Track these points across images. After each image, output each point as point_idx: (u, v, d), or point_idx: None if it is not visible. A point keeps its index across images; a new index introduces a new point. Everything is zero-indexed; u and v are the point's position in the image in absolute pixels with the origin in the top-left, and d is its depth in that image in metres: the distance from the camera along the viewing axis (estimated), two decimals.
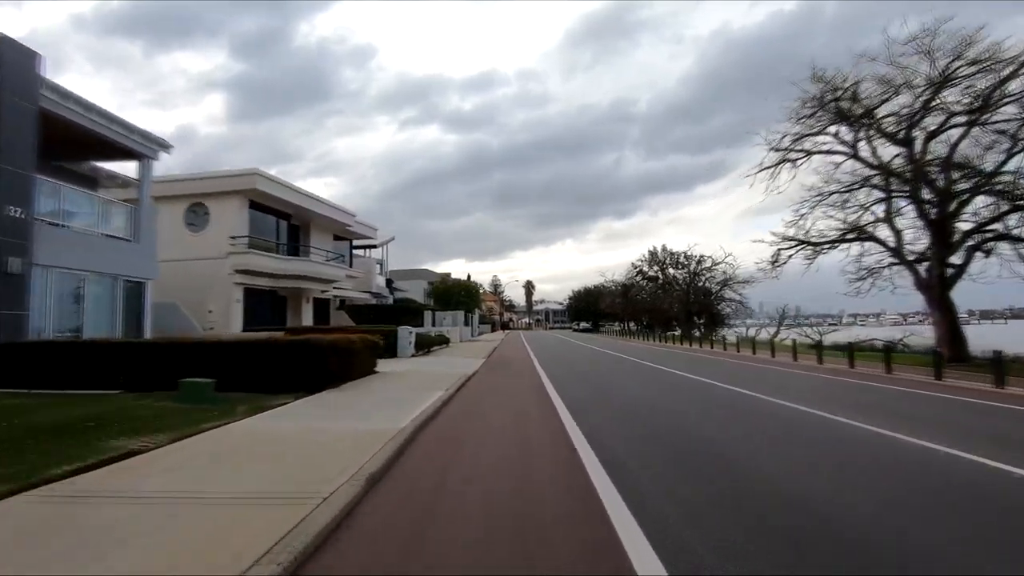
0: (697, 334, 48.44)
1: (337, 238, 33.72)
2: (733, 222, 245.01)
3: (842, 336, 34.18)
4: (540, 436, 6.72)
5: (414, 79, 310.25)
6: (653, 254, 52.03)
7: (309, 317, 29.60)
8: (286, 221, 27.16)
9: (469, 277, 47.77)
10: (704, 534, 3.41)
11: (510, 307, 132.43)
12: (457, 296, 43.28)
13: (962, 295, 22.59)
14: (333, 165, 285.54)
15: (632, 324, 68.90)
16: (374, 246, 39.95)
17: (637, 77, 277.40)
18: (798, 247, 20.83)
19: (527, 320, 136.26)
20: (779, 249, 21.82)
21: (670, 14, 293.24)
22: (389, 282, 44.35)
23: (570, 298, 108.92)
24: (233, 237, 22.93)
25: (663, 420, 7.97)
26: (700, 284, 48.59)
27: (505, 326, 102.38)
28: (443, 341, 27.58)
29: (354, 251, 40.31)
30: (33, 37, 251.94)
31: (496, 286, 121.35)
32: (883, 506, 4.02)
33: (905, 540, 3.37)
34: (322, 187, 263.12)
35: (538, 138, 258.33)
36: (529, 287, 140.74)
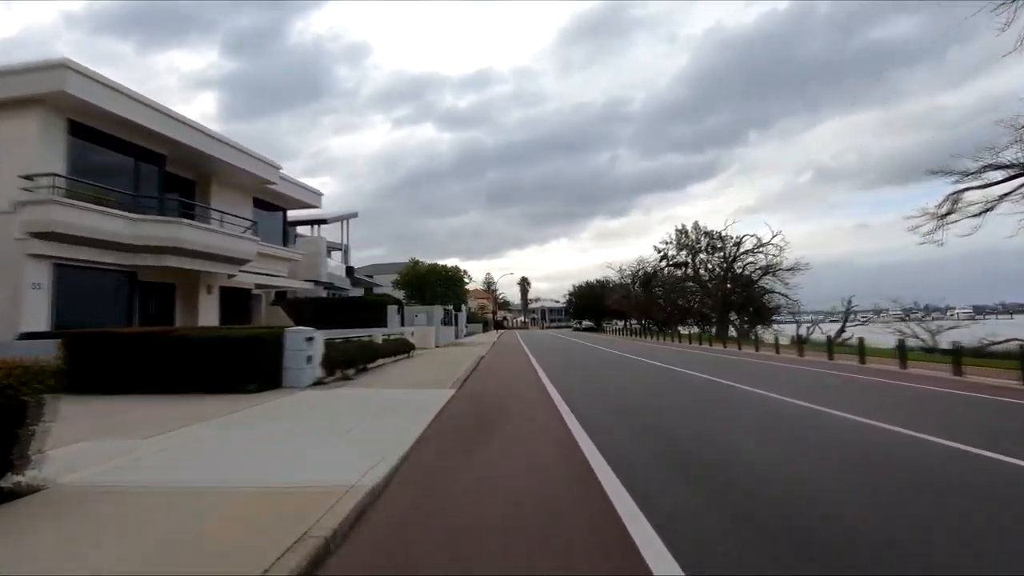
0: (733, 333, 39.26)
1: (264, 205, 24.22)
2: (724, 221, 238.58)
3: (961, 335, 25.00)
4: None
5: (409, 77, 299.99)
6: (682, 233, 42.28)
7: (213, 313, 20.23)
8: (156, 166, 17.59)
9: (459, 269, 37.64)
10: None
11: (504, 305, 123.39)
12: (433, 286, 33.41)
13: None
14: (328, 164, 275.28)
15: (637, 322, 59.98)
16: (324, 221, 30.37)
17: (632, 76, 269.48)
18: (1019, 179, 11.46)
19: (522, 319, 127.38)
20: (961, 191, 12.45)
21: (664, 13, 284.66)
22: (350, 270, 34.83)
23: (570, 294, 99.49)
24: (28, 177, 13.41)
25: None
26: (739, 271, 39.23)
27: (499, 325, 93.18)
28: (402, 349, 18.16)
29: (297, 227, 30.82)
30: (25, 36, 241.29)
31: (490, 284, 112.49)
32: None
33: None
34: (317, 186, 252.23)
35: (533, 137, 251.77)
36: (524, 284, 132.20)
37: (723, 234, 40.09)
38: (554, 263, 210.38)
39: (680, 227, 42.53)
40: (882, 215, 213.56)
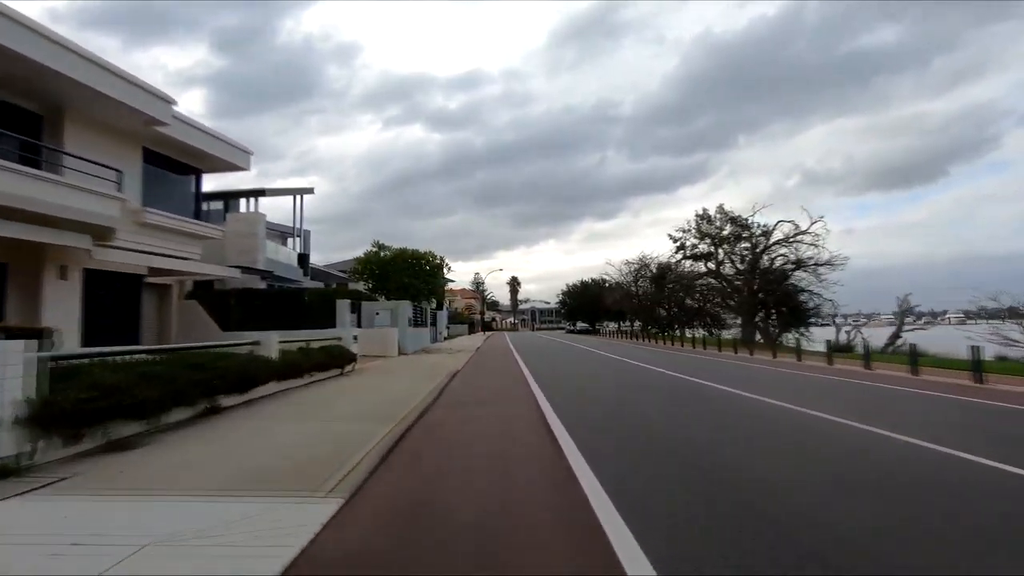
0: (759, 338, 33.44)
1: (164, 162, 17.82)
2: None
3: None
4: None
5: (399, 77, 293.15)
6: (703, 219, 35.83)
7: (72, 307, 14.01)
8: None
9: (436, 256, 29.40)
10: None
11: (493, 306, 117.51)
12: (400, 275, 26.54)
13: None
14: (315, 164, 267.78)
15: (640, 323, 54.47)
16: (262, 192, 23.96)
17: (622, 78, 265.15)
18: None
19: (512, 320, 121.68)
20: None
21: (653, 15, 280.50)
22: (303, 259, 28.43)
23: (563, 294, 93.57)
24: None
25: None
26: (769, 264, 33.32)
27: (488, 326, 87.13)
28: (332, 362, 11.90)
29: (240, 202, 24.46)
30: None
31: (478, 284, 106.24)
32: None
33: None
34: (305, 185, 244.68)
35: (522, 138, 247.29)
36: (514, 284, 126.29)
37: (749, 221, 34.06)
38: (543, 265, 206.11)
39: (701, 212, 36.34)
40: (865, 220, 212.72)
